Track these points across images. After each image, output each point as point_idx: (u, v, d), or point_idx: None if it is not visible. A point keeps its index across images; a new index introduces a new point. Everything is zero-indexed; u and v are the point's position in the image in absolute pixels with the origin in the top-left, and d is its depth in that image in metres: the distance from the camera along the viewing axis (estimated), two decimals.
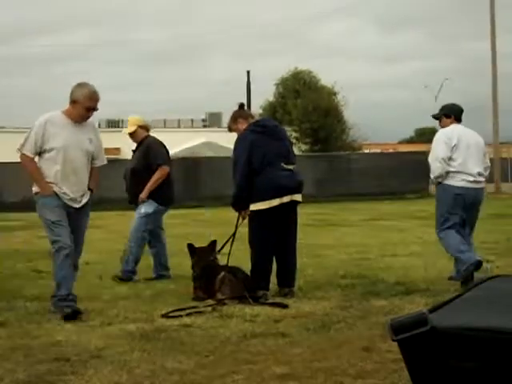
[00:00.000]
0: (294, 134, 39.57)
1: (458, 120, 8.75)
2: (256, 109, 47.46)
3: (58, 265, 6.93)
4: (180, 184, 32.57)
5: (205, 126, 47.26)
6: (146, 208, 9.32)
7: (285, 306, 7.06)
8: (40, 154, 7.08)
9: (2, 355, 5.42)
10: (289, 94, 42.39)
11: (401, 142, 71.81)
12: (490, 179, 34.44)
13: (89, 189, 7.28)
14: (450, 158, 8.41)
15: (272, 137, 7.81)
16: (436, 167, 8.43)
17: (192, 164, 31.45)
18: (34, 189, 7.11)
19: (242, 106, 8.29)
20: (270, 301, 7.35)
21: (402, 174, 32.76)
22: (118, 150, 39.79)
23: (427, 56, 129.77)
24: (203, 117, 49.31)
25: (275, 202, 7.58)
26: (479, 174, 8.54)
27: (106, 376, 4.86)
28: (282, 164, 7.72)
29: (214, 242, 8.11)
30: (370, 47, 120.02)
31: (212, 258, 7.94)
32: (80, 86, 7.16)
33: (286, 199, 7.63)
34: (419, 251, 11.56)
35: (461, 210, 8.42)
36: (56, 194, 7.01)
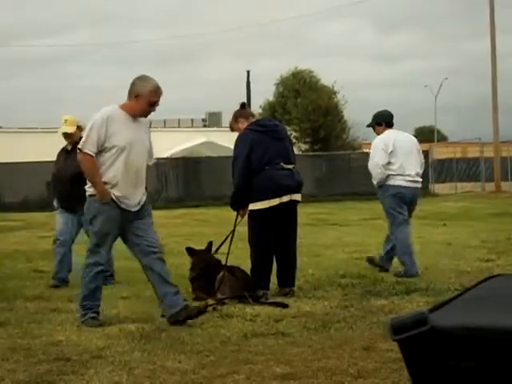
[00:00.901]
0: (294, 134, 39.57)
1: (390, 125, 9.39)
2: (256, 108, 47.47)
3: (91, 277, 6.51)
4: (180, 184, 32.71)
5: (205, 126, 47.27)
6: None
7: (285, 306, 7.06)
8: (98, 152, 6.50)
9: (2, 355, 5.42)
10: (289, 93, 42.39)
11: None
12: (490, 178, 34.53)
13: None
14: (389, 163, 9.07)
15: (272, 136, 7.81)
16: (376, 173, 9.12)
17: (192, 164, 31.48)
18: (90, 190, 6.56)
19: (243, 105, 8.29)
20: (271, 300, 7.35)
21: None
22: None
23: (427, 55, 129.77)
24: (203, 117, 49.30)
25: (274, 201, 7.58)
26: (417, 174, 9.24)
27: (106, 376, 4.86)
28: (282, 163, 7.72)
29: (210, 243, 8.12)
30: (369, 47, 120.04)
31: (211, 258, 7.93)
32: (143, 79, 6.63)
33: (285, 199, 7.63)
34: (419, 250, 11.53)
35: (404, 206, 9.22)
36: (113, 202, 6.48)
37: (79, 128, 8.70)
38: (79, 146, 6.58)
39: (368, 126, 9.61)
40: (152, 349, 5.53)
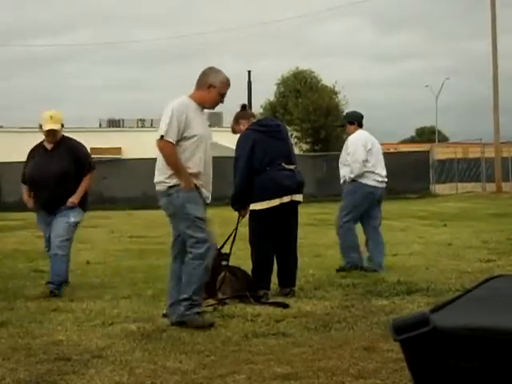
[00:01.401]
0: (295, 134, 39.60)
1: (361, 126, 9.77)
2: (257, 109, 47.47)
3: (203, 268, 6.35)
4: None
5: None
6: (75, 216, 8.24)
7: (286, 306, 7.05)
8: (177, 141, 6.33)
9: (3, 355, 5.42)
10: (290, 93, 42.41)
11: (402, 142, 71.79)
12: (490, 178, 34.51)
13: None
14: (366, 160, 9.47)
15: (273, 136, 7.81)
16: (356, 167, 9.39)
17: None
18: (173, 181, 6.32)
19: (244, 106, 8.29)
20: (271, 300, 7.35)
21: (403, 173, 32.74)
22: (119, 149, 39.84)
23: (428, 55, 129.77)
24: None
25: (275, 201, 7.58)
26: (385, 176, 9.73)
27: (107, 376, 4.86)
28: (283, 164, 7.72)
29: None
30: (370, 46, 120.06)
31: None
32: (215, 70, 6.56)
33: (286, 199, 7.62)
34: (420, 251, 11.56)
35: (368, 206, 9.62)
36: (197, 188, 6.39)
37: (62, 126, 8.38)
38: (162, 134, 6.29)
39: (338, 125, 10.11)
40: (153, 349, 5.53)
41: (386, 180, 9.76)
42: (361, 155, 9.38)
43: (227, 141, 36.48)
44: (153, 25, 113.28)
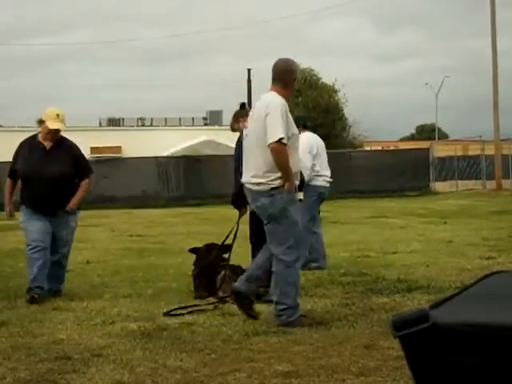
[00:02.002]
0: None
1: (306, 127, 9.86)
2: None
3: (297, 274, 6.36)
4: (181, 182, 32.73)
5: (206, 125, 47.23)
6: (75, 220, 8.08)
7: None
8: None
9: (3, 354, 5.42)
10: None
11: (402, 140, 71.81)
12: (490, 176, 34.52)
13: None
14: (313, 165, 9.64)
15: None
16: (306, 174, 9.06)
17: (193, 162, 31.48)
18: (277, 182, 6.13)
19: (243, 105, 8.28)
20: (271, 298, 7.34)
21: (403, 171, 32.78)
22: (118, 148, 39.82)
23: (428, 54, 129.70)
24: (204, 115, 49.27)
25: None
26: (330, 176, 10.00)
27: (107, 374, 4.86)
28: None
29: (212, 244, 8.12)
30: (370, 45, 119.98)
31: (212, 257, 7.93)
32: (297, 65, 6.51)
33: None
34: (420, 248, 11.56)
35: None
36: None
37: None
38: (281, 136, 5.97)
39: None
40: (153, 347, 5.54)
41: (331, 180, 10.00)
42: (308, 162, 9.39)
43: (227, 139, 36.51)
44: (153, 24, 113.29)
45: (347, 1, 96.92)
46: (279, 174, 6.08)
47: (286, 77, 6.32)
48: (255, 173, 6.21)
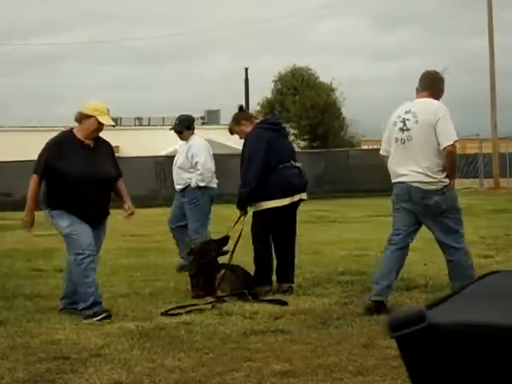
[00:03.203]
0: (293, 131, 39.56)
1: (193, 130, 9.86)
2: (254, 106, 47.43)
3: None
4: None
5: (203, 124, 47.21)
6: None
7: (284, 303, 7.06)
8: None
9: (1, 354, 5.42)
10: (287, 90, 42.40)
11: None
12: (488, 174, 34.52)
13: None
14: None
15: (281, 134, 7.88)
16: (208, 177, 9.50)
17: None
18: (447, 180, 6.65)
19: (241, 107, 8.29)
20: (270, 298, 7.36)
21: None
22: (116, 147, 39.79)
23: (425, 52, 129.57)
24: (201, 114, 49.27)
25: (286, 200, 7.61)
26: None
27: (105, 374, 4.86)
28: (292, 162, 7.76)
29: (209, 241, 8.13)
30: (367, 44, 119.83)
31: (210, 257, 7.93)
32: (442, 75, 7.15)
33: (296, 198, 7.69)
34: (418, 247, 11.51)
35: None
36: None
37: None
38: (456, 139, 6.58)
39: (175, 130, 9.78)
40: (151, 347, 5.53)
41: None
42: (212, 165, 9.59)
43: (224, 138, 36.45)
44: (151, 23, 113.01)
45: (345, 0, 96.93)
46: (445, 173, 6.54)
47: (436, 85, 6.84)
48: (427, 173, 6.56)
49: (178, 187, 9.74)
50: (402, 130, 6.64)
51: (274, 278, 7.82)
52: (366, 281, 8.26)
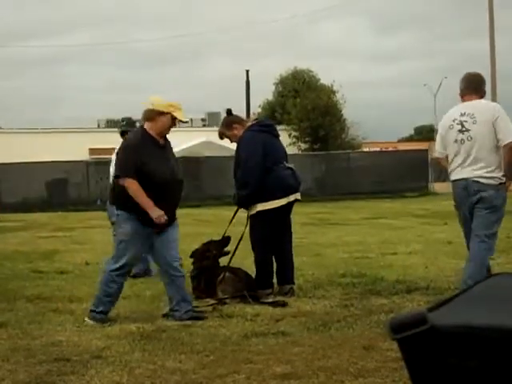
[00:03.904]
0: (294, 133, 39.58)
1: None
2: (255, 108, 47.43)
3: None
4: None
5: (204, 126, 47.25)
6: None
7: (284, 305, 7.06)
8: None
9: (2, 356, 5.42)
10: (288, 93, 42.42)
11: (400, 141, 71.81)
12: None
13: None
14: None
15: (274, 135, 7.88)
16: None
17: (191, 163, 31.46)
18: (503, 179, 6.97)
19: (229, 111, 8.28)
20: (270, 300, 7.36)
21: (402, 172, 32.81)
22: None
23: (426, 55, 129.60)
24: (202, 116, 49.29)
25: (283, 201, 7.62)
26: None
27: (106, 376, 4.86)
28: (285, 162, 7.78)
29: (210, 242, 8.13)
30: (368, 46, 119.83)
31: (212, 258, 7.92)
32: None
33: (292, 198, 7.70)
34: (419, 249, 11.56)
35: None
36: None
37: None
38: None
39: (122, 131, 9.48)
40: (152, 349, 5.54)
41: None
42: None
43: (225, 140, 36.38)
44: (152, 25, 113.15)
45: (345, 2, 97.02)
46: (502, 172, 6.88)
47: (482, 87, 7.19)
48: (487, 169, 6.88)
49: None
50: (461, 131, 6.98)
51: (275, 280, 7.82)
52: (366, 283, 8.26)
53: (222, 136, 8.19)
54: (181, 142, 38.47)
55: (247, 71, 45.12)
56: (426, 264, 9.70)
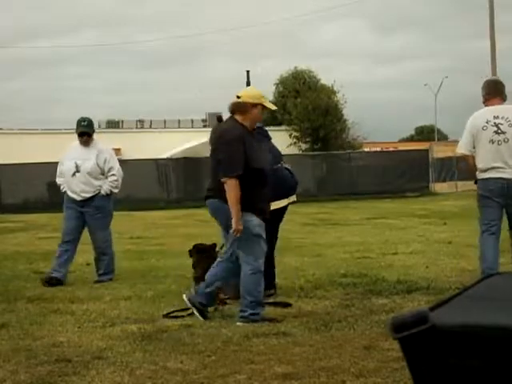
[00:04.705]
0: (294, 134, 39.57)
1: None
2: None
3: None
4: (181, 184, 32.72)
5: (205, 126, 47.22)
6: None
7: (287, 305, 7.06)
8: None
9: (3, 357, 5.42)
10: (289, 93, 42.40)
11: (401, 141, 71.80)
12: None
13: None
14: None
15: (267, 137, 7.88)
16: (120, 182, 9.41)
17: (192, 164, 31.46)
18: None
19: (220, 118, 8.29)
20: (271, 300, 7.35)
21: (403, 172, 32.79)
22: (118, 150, 39.80)
23: (426, 55, 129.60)
24: (203, 117, 49.28)
25: (284, 201, 7.62)
26: None
27: (107, 377, 4.86)
28: (283, 163, 7.78)
29: (214, 245, 8.12)
30: (369, 47, 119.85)
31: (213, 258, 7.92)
32: None
33: (292, 199, 7.70)
34: (420, 249, 11.56)
35: None
36: None
37: None
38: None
39: (89, 132, 9.21)
40: (153, 349, 5.53)
41: None
42: (120, 169, 9.42)
43: None
44: (152, 26, 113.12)
45: (347, 2, 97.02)
46: None
47: (504, 92, 7.70)
48: None
49: (84, 195, 9.12)
50: (497, 132, 7.51)
51: (277, 280, 7.83)
52: (367, 283, 8.26)
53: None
54: (181, 142, 38.54)
55: (248, 72, 45.10)
56: (427, 264, 9.69)
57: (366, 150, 42.81)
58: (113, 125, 47.69)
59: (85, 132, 9.13)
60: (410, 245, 12.15)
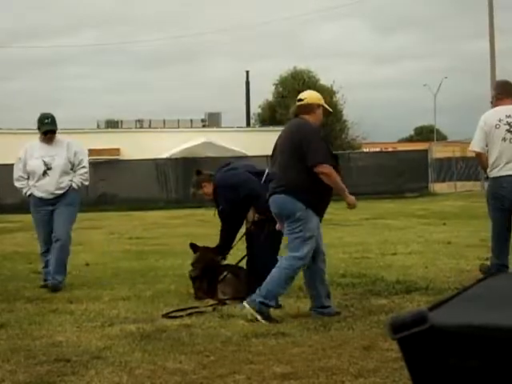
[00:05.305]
0: None
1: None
2: (255, 109, 47.44)
3: None
4: (180, 184, 32.72)
5: (204, 126, 47.26)
6: None
7: (278, 306, 7.03)
8: None
9: (2, 356, 5.42)
10: (288, 93, 42.45)
11: (400, 141, 71.86)
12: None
13: None
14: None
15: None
16: (88, 176, 9.02)
17: (192, 164, 31.46)
18: None
19: (198, 172, 8.41)
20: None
21: (402, 172, 32.80)
22: (117, 150, 39.81)
23: (426, 55, 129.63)
24: (202, 117, 49.30)
25: None
26: None
27: (106, 377, 4.86)
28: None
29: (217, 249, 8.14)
30: (368, 47, 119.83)
31: (214, 259, 7.92)
32: None
33: None
34: (419, 250, 11.56)
35: None
36: None
37: None
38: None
39: (54, 130, 8.88)
40: (152, 349, 5.53)
41: None
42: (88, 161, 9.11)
43: (225, 141, 36.45)
44: (151, 26, 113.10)
45: (347, 2, 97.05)
46: None
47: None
48: None
49: (58, 192, 8.74)
50: (509, 131, 7.78)
51: None
52: (366, 283, 8.26)
53: (194, 196, 8.49)
54: (181, 142, 38.55)
55: (247, 72, 45.20)
56: (426, 264, 9.69)
57: (365, 150, 42.87)
58: (112, 125, 47.69)
59: (50, 130, 8.81)
60: (409, 245, 12.15)
